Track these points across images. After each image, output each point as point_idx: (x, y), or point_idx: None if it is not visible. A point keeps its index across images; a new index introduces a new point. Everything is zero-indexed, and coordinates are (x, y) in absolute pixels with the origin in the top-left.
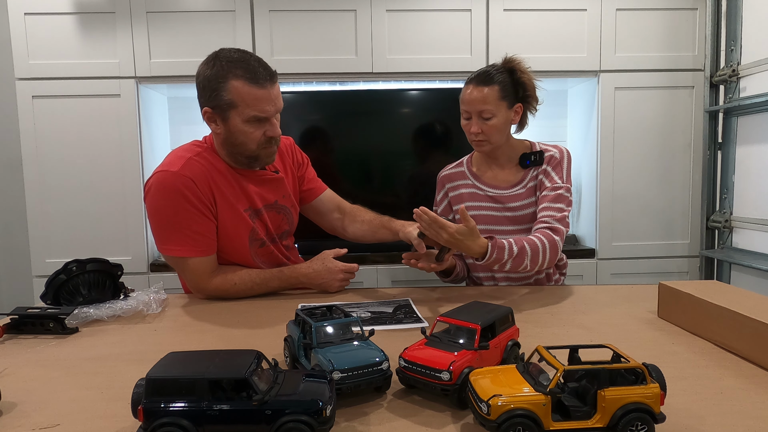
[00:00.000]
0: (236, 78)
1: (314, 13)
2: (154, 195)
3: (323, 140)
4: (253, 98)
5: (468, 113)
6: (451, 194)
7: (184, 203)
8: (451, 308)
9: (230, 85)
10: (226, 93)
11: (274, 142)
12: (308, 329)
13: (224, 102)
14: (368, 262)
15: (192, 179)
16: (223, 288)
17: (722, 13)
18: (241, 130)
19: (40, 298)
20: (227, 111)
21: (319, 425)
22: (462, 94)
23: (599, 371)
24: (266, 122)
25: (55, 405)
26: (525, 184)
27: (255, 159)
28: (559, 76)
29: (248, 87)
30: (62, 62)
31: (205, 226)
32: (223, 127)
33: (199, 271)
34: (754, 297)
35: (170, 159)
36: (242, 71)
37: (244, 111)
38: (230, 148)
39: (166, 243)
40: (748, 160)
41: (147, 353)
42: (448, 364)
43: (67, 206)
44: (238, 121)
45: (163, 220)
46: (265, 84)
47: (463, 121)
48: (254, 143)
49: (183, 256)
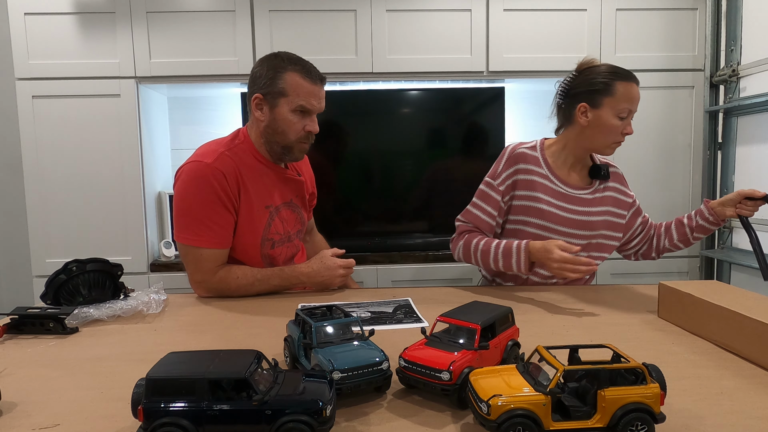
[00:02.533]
0: (293, 71)
1: (314, 13)
2: (183, 182)
3: (323, 140)
4: (305, 90)
5: (628, 111)
6: (521, 177)
7: (212, 194)
8: (451, 308)
9: (286, 75)
10: (281, 82)
11: (310, 138)
12: (308, 329)
13: (277, 89)
14: (368, 262)
15: (223, 173)
16: (226, 281)
17: (722, 13)
18: (286, 119)
19: (40, 298)
20: (278, 98)
21: (319, 425)
22: (623, 90)
23: (599, 371)
24: (308, 117)
25: (55, 405)
26: (593, 192)
27: (289, 151)
28: (559, 76)
29: (302, 80)
30: (62, 62)
31: (226, 219)
32: (269, 114)
33: (208, 263)
34: (754, 297)
35: (204, 150)
36: (299, 67)
37: (293, 100)
38: (270, 136)
39: (184, 231)
40: (748, 160)
41: (147, 353)
42: (448, 364)
43: (67, 206)
44: (285, 110)
45: (188, 208)
46: (317, 82)
47: (616, 121)
48: (294, 134)
49: (197, 246)
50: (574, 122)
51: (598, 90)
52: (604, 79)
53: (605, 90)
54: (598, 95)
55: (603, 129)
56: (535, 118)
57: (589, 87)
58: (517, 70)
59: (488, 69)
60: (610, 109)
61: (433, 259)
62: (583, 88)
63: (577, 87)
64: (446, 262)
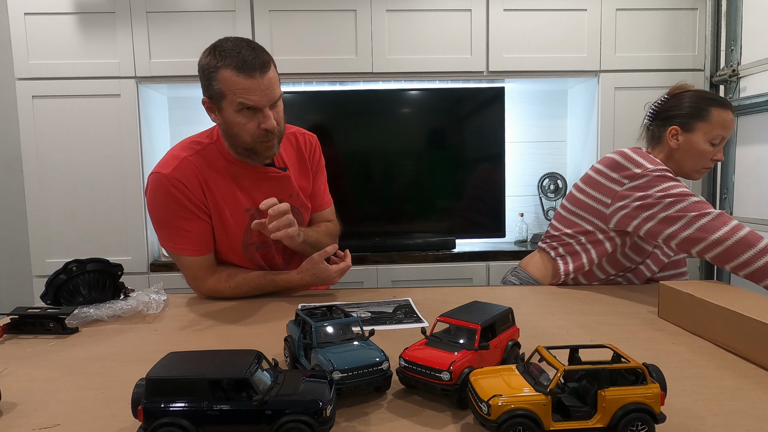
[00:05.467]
0: (225, 67)
1: (314, 13)
2: (149, 194)
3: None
4: (240, 87)
5: (722, 140)
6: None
7: (175, 205)
8: (451, 308)
9: (220, 75)
10: (217, 83)
11: (271, 135)
12: (308, 329)
13: (216, 92)
14: (368, 262)
15: (182, 181)
16: (218, 289)
17: (722, 13)
18: (234, 121)
19: (40, 298)
20: (220, 101)
21: (319, 425)
22: (720, 118)
23: (599, 371)
24: (259, 113)
25: (55, 405)
26: None
27: (253, 152)
28: (559, 76)
29: (235, 76)
30: (62, 62)
31: (197, 225)
32: (220, 118)
33: (194, 269)
34: (754, 297)
35: (165, 159)
36: (231, 60)
37: (232, 100)
38: (229, 139)
39: (163, 240)
40: (748, 160)
41: (147, 353)
42: (449, 364)
43: (67, 206)
44: (230, 112)
45: (158, 218)
46: (254, 73)
47: (707, 147)
48: (248, 135)
49: (179, 254)
50: (663, 144)
51: (691, 114)
52: (699, 104)
53: (699, 115)
54: (692, 119)
55: (693, 153)
56: (535, 118)
57: (682, 110)
58: (517, 70)
59: (488, 69)
60: (703, 134)
61: (433, 259)
62: (676, 111)
63: (669, 110)
64: (446, 262)
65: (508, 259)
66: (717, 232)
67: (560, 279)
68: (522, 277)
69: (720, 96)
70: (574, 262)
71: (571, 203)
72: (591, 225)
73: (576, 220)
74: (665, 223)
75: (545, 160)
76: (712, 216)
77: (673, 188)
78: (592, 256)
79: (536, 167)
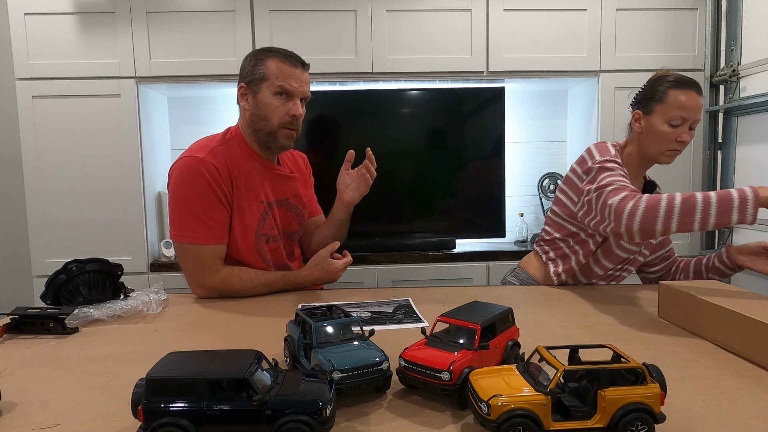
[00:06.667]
0: (274, 57)
1: (314, 13)
2: (177, 177)
3: (323, 140)
4: (284, 73)
5: (683, 120)
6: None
7: (206, 189)
8: (451, 308)
9: (267, 62)
10: (262, 68)
11: (294, 124)
12: (308, 329)
13: (258, 76)
14: (368, 262)
15: (216, 166)
16: (229, 281)
17: (722, 13)
18: (267, 103)
19: (40, 298)
20: (259, 84)
21: (319, 425)
22: (678, 97)
23: (599, 371)
24: (290, 100)
25: (55, 405)
26: None
27: (274, 138)
28: (559, 76)
29: (281, 63)
30: (62, 62)
31: (221, 214)
32: (252, 102)
33: (208, 260)
34: (754, 297)
35: (196, 146)
36: (279, 53)
37: (273, 83)
38: (254, 124)
39: (181, 229)
40: (748, 160)
41: (147, 353)
42: (449, 364)
43: (67, 206)
44: (267, 94)
45: (183, 204)
46: (297, 65)
47: (668, 128)
48: (277, 118)
49: (196, 243)
50: (633, 130)
51: (650, 97)
52: (657, 86)
53: (656, 97)
54: (651, 102)
55: (654, 135)
56: (535, 118)
57: (645, 95)
58: (517, 70)
59: (488, 69)
60: (660, 116)
61: (433, 259)
62: (641, 96)
63: (638, 96)
64: (446, 262)
65: (508, 259)
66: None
67: (553, 282)
68: (521, 278)
69: (684, 77)
70: (564, 264)
71: (556, 206)
72: (575, 226)
73: (563, 224)
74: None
75: (545, 160)
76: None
77: (604, 179)
78: (580, 258)
79: (536, 167)
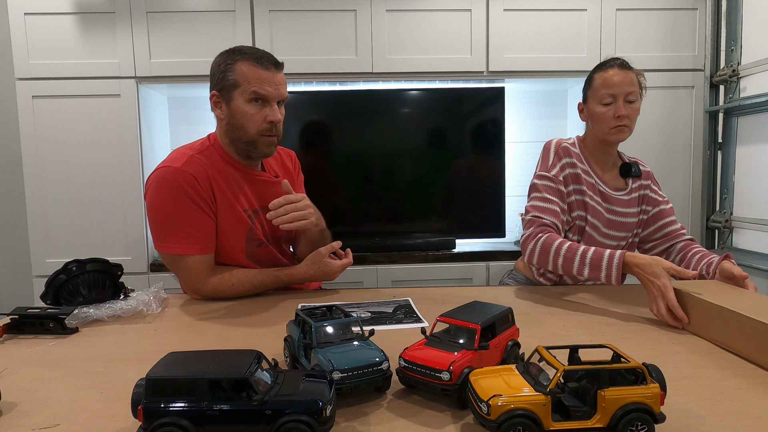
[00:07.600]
0: (244, 60)
1: (314, 13)
2: (154, 189)
3: (323, 140)
4: (256, 77)
5: (612, 97)
6: (570, 170)
7: (186, 199)
8: (451, 308)
9: (237, 67)
10: (232, 74)
11: (274, 130)
12: (308, 329)
13: (229, 82)
14: (368, 262)
15: (194, 176)
16: (220, 288)
17: (722, 13)
18: (242, 111)
19: (40, 298)
20: (231, 92)
21: (319, 425)
22: (600, 79)
23: (599, 371)
24: (267, 106)
25: (55, 405)
26: (629, 193)
27: (254, 146)
28: (559, 76)
29: (253, 67)
30: (62, 62)
31: (205, 223)
32: (227, 110)
33: (196, 270)
34: (754, 297)
35: (173, 156)
36: (250, 55)
37: (246, 89)
38: (232, 133)
39: (164, 240)
40: (748, 160)
41: (147, 353)
42: (448, 364)
43: (67, 206)
44: (240, 101)
45: (163, 216)
46: (269, 67)
47: (602, 108)
48: (254, 126)
49: (181, 254)
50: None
51: (585, 87)
52: (588, 75)
53: (587, 85)
54: (585, 90)
55: (594, 119)
56: (535, 118)
57: (583, 88)
58: (517, 70)
59: (488, 69)
60: (593, 99)
61: (433, 259)
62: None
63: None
64: (446, 262)
65: (508, 259)
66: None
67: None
68: (518, 279)
69: (609, 59)
70: None
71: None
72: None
73: None
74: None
75: None
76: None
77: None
78: None
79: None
